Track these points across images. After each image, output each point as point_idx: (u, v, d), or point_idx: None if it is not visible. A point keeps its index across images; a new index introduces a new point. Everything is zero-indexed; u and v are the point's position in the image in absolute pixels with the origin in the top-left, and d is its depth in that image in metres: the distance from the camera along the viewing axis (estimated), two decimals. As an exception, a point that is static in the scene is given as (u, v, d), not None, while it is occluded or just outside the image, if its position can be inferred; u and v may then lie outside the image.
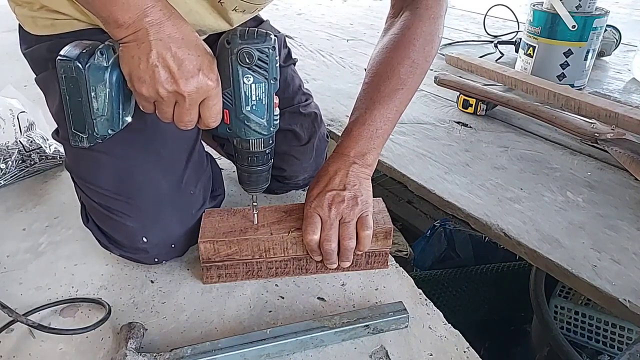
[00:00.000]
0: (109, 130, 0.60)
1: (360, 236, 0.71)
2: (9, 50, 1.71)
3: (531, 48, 1.41)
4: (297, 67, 0.98)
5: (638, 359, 0.68)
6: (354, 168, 0.73)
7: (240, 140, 0.64)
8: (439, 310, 0.71)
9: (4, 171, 0.99)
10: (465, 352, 0.64)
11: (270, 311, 0.70)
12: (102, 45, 0.55)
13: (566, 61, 1.36)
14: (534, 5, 1.39)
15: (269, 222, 0.74)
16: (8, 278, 0.76)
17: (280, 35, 0.93)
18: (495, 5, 2.00)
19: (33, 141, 1.05)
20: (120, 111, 0.60)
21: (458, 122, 1.22)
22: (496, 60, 1.68)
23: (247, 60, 0.57)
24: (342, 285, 0.75)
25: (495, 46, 1.79)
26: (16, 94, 1.12)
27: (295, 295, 0.73)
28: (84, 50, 0.54)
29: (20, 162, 1.02)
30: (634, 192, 0.93)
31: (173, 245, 0.76)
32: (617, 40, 1.70)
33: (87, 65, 0.54)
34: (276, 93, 0.62)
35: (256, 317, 0.69)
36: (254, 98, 0.60)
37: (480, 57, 1.66)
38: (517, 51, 1.59)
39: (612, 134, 1.04)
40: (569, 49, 1.35)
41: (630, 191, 0.93)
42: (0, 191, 0.98)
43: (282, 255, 0.74)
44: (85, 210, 0.77)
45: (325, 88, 1.46)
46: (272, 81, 0.60)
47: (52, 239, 0.85)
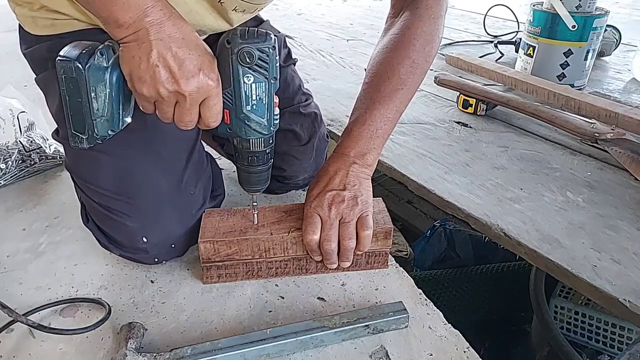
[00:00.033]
0: (109, 131, 0.59)
1: (360, 236, 0.71)
2: (9, 50, 1.71)
3: (531, 48, 1.41)
4: (297, 67, 0.98)
5: (638, 359, 0.68)
6: (354, 168, 0.73)
7: (240, 139, 0.64)
8: (439, 310, 0.71)
9: (4, 171, 0.99)
10: (465, 352, 0.64)
11: (270, 311, 0.70)
12: (102, 46, 0.55)
13: (566, 61, 1.36)
14: (534, 5, 1.39)
15: (269, 222, 0.74)
16: (8, 278, 0.76)
17: (280, 35, 0.93)
18: (495, 5, 2.00)
19: (33, 141, 1.05)
20: (120, 112, 0.59)
21: (458, 122, 1.22)
22: (496, 60, 1.68)
23: (247, 60, 0.57)
24: (342, 285, 0.75)
25: (495, 46, 1.79)
26: (16, 94, 1.13)
27: (295, 295, 0.73)
28: (83, 51, 0.54)
29: (20, 162, 1.02)
30: (634, 192, 0.93)
31: (173, 245, 0.76)
32: (617, 40, 1.70)
33: (87, 66, 0.54)
34: (276, 93, 0.62)
35: (256, 317, 0.69)
36: (254, 97, 0.60)
37: (480, 57, 1.66)
38: (517, 51, 1.59)
39: (612, 134, 1.04)
40: (569, 49, 1.35)
41: (630, 191, 0.93)
42: (0, 191, 0.98)
43: (282, 255, 0.74)
44: (85, 210, 0.77)
45: (325, 88, 1.46)
46: (272, 81, 0.60)
47: (52, 239, 0.85)
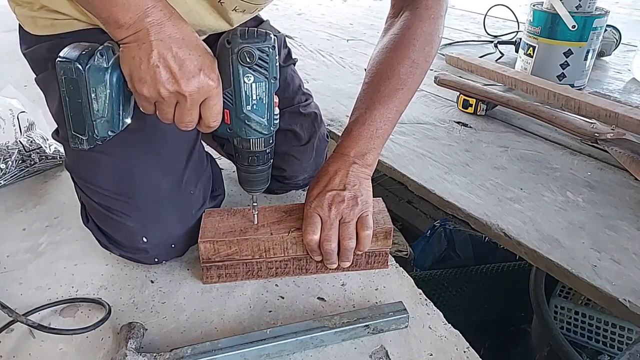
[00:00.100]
0: (109, 132, 0.59)
1: (360, 236, 0.71)
2: (9, 50, 1.71)
3: (531, 48, 1.41)
4: (297, 67, 0.98)
5: (638, 359, 0.68)
6: (354, 168, 0.73)
7: (240, 139, 0.64)
8: (439, 310, 0.71)
9: (4, 171, 0.99)
10: (465, 352, 0.64)
11: (270, 311, 0.70)
12: (101, 47, 0.55)
13: (566, 61, 1.36)
14: (534, 5, 1.39)
15: (269, 222, 0.74)
16: (8, 278, 0.76)
17: (280, 35, 0.93)
18: (495, 5, 2.00)
19: (33, 141, 1.05)
20: (121, 112, 0.59)
21: (458, 122, 1.22)
22: (496, 60, 1.68)
23: (247, 60, 0.57)
24: (342, 285, 0.75)
25: (495, 46, 1.79)
26: (16, 94, 1.13)
27: (295, 295, 0.73)
28: (83, 52, 0.54)
29: (20, 162, 1.02)
30: (634, 192, 0.93)
31: (173, 245, 0.76)
32: (617, 40, 1.70)
33: (87, 67, 0.54)
34: (276, 93, 0.62)
35: (256, 317, 0.69)
36: (254, 97, 0.60)
37: (480, 57, 1.66)
38: (517, 51, 1.59)
39: (612, 134, 1.04)
40: (569, 49, 1.35)
41: (630, 191, 0.93)
42: (0, 191, 0.98)
43: (282, 255, 0.74)
44: (85, 210, 0.77)
45: (325, 88, 1.46)
46: (272, 80, 0.60)
47: (52, 239, 0.85)
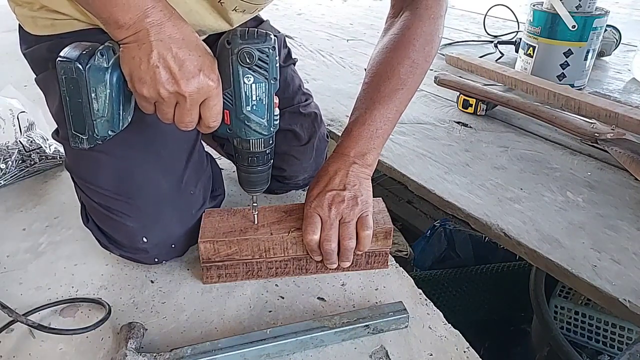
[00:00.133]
0: (109, 132, 0.60)
1: (360, 236, 0.71)
2: (9, 50, 1.71)
3: (531, 48, 1.41)
4: (297, 67, 0.98)
5: (638, 359, 0.68)
6: (354, 168, 0.73)
7: (240, 140, 0.64)
8: (439, 310, 0.71)
9: (4, 171, 0.99)
10: (465, 352, 0.64)
11: (270, 311, 0.70)
12: (102, 46, 0.55)
13: (566, 61, 1.36)
14: (534, 5, 1.39)
15: (269, 222, 0.74)
16: (8, 278, 0.76)
17: (280, 35, 0.93)
18: (495, 5, 2.00)
19: (33, 141, 1.05)
20: (121, 112, 0.59)
21: (458, 122, 1.22)
22: (496, 60, 1.68)
23: (247, 60, 0.57)
24: (342, 285, 0.75)
25: (495, 46, 1.79)
26: (16, 94, 1.13)
27: (295, 295, 0.73)
28: (84, 52, 0.54)
29: (20, 162, 1.02)
30: (634, 192, 0.93)
31: (173, 245, 0.76)
32: (617, 40, 1.70)
33: (87, 67, 0.54)
34: (276, 93, 0.62)
35: (256, 317, 0.69)
36: (254, 98, 0.60)
37: (480, 57, 1.66)
38: (517, 51, 1.59)
39: (612, 134, 1.04)
40: (569, 49, 1.35)
41: (630, 191, 0.93)
42: (0, 191, 0.98)
43: (282, 255, 0.74)
44: (85, 210, 0.77)
45: (325, 88, 1.46)
46: (272, 81, 0.60)
47: (52, 239, 0.85)
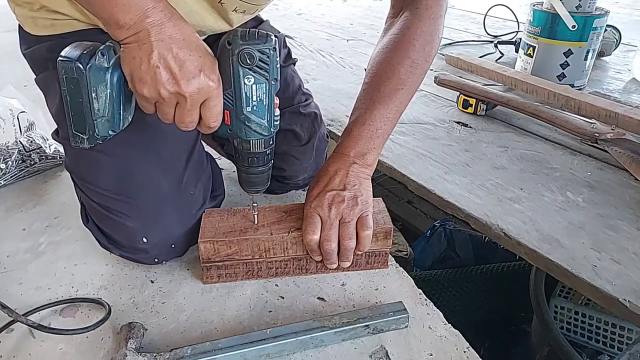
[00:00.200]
0: (109, 131, 0.60)
1: (360, 236, 0.71)
2: (9, 50, 1.71)
3: (531, 48, 1.41)
4: (297, 67, 0.98)
5: (638, 359, 0.68)
6: (354, 168, 0.73)
7: (240, 140, 0.64)
8: (439, 310, 0.71)
9: (4, 171, 0.99)
10: (465, 352, 0.64)
11: (270, 311, 0.70)
12: (102, 46, 0.55)
13: (566, 61, 1.36)
14: (534, 5, 1.39)
15: (269, 222, 0.74)
16: (8, 278, 0.76)
17: (280, 36, 0.93)
18: (495, 5, 2.00)
19: (33, 141, 1.05)
20: (121, 112, 0.60)
21: (458, 122, 1.22)
22: (496, 60, 1.68)
23: (248, 61, 0.57)
24: (342, 285, 0.75)
25: (495, 46, 1.79)
26: (16, 94, 1.13)
27: (295, 295, 0.73)
28: (84, 51, 0.54)
29: (20, 162, 1.02)
30: (634, 192, 0.93)
31: (173, 246, 0.76)
32: (617, 40, 1.70)
33: (88, 66, 0.54)
34: (276, 93, 0.62)
35: (256, 317, 0.69)
36: (254, 99, 0.60)
37: (480, 57, 1.66)
38: (517, 51, 1.59)
39: (612, 134, 1.04)
40: (569, 49, 1.35)
41: (630, 191, 0.93)
42: (0, 191, 0.98)
43: (282, 255, 0.74)
44: (85, 211, 0.77)
45: (325, 88, 1.46)
46: (272, 82, 0.60)
47: (52, 239, 0.85)
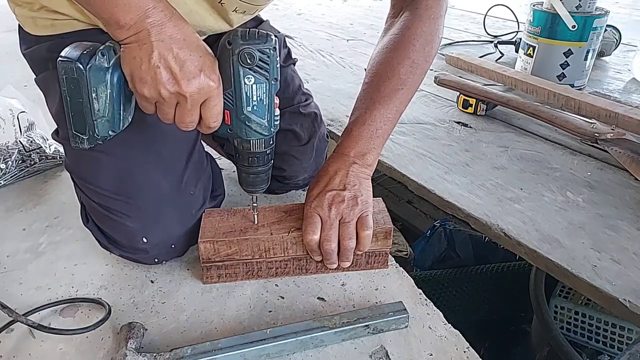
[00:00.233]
0: (109, 132, 0.60)
1: (360, 236, 0.71)
2: (9, 50, 1.71)
3: (531, 48, 1.41)
4: (297, 67, 0.98)
5: (638, 359, 0.68)
6: (354, 168, 0.73)
7: (241, 140, 0.64)
8: (439, 310, 0.71)
9: (4, 171, 0.99)
10: (465, 352, 0.64)
11: (270, 311, 0.70)
12: (103, 46, 0.55)
13: (566, 61, 1.37)
14: (534, 5, 1.39)
15: (269, 222, 0.74)
16: (8, 278, 0.76)
17: (280, 35, 0.93)
18: (495, 5, 2.00)
19: (33, 141, 1.05)
20: (121, 112, 0.59)
21: (458, 122, 1.22)
22: (496, 60, 1.68)
23: (248, 61, 0.57)
24: (342, 285, 0.75)
25: (495, 46, 1.79)
26: (16, 94, 1.13)
27: (295, 295, 0.73)
28: (84, 52, 0.54)
29: (20, 162, 1.02)
30: (634, 192, 0.93)
31: (173, 246, 0.76)
32: (617, 40, 1.70)
33: (88, 67, 0.54)
34: (276, 93, 0.62)
35: (256, 317, 0.69)
36: (254, 99, 0.60)
37: (480, 57, 1.66)
38: (517, 51, 1.59)
39: (612, 134, 1.04)
40: (569, 49, 1.35)
41: (630, 191, 0.93)
42: (0, 191, 0.98)
43: (282, 255, 0.74)
44: (85, 211, 0.77)
45: (325, 88, 1.46)
46: (273, 82, 0.60)
47: (52, 239, 0.85)
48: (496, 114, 1.26)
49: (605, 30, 1.41)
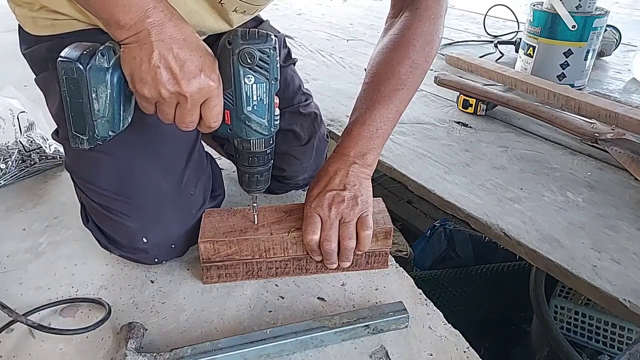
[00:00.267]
0: (109, 132, 0.60)
1: (360, 236, 0.71)
2: (9, 50, 1.71)
3: (531, 48, 1.41)
4: (297, 67, 0.98)
5: (638, 359, 0.68)
6: (354, 168, 0.73)
7: (241, 140, 0.64)
8: (439, 310, 0.71)
9: (4, 171, 0.99)
10: (465, 352, 0.64)
11: (270, 311, 0.70)
12: (102, 47, 0.55)
13: (566, 61, 1.37)
14: (534, 5, 1.39)
15: (269, 222, 0.74)
16: (8, 278, 0.76)
17: (280, 35, 0.93)
18: (495, 5, 2.00)
19: (33, 141, 1.05)
20: (121, 112, 0.59)
21: (458, 122, 1.22)
22: (496, 60, 1.68)
23: (248, 61, 0.57)
24: (342, 285, 0.75)
25: (495, 46, 1.79)
26: (16, 94, 1.13)
27: (295, 295, 0.73)
28: (84, 52, 0.54)
29: (20, 162, 1.02)
30: (634, 192, 0.93)
31: (173, 246, 0.76)
32: (617, 40, 1.70)
33: (88, 67, 0.54)
34: (276, 93, 0.62)
35: (256, 317, 0.69)
36: (255, 98, 0.60)
37: (480, 57, 1.66)
38: (517, 51, 1.59)
39: (612, 134, 1.04)
40: (569, 49, 1.35)
41: (630, 191, 0.93)
42: (0, 191, 0.98)
43: (282, 255, 0.74)
44: (85, 211, 0.77)
45: (325, 88, 1.46)
46: (273, 81, 0.60)
47: (52, 239, 0.85)
48: (496, 114, 1.26)
49: (605, 30, 1.41)
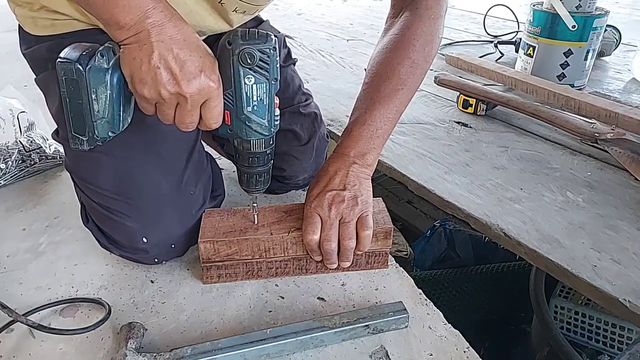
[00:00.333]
0: (109, 133, 0.59)
1: (360, 236, 0.71)
2: (9, 50, 1.71)
3: (531, 48, 1.41)
4: (297, 67, 0.98)
5: (638, 359, 0.68)
6: (354, 168, 0.73)
7: (241, 140, 0.64)
8: (439, 310, 0.71)
9: (4, 171, 0.99)
10: (465, 352, 0.64)
11: (270, 311, 0.70)
12: (102, 47, 0.55)
13: (566, 61, 1.36)
14: (534, 5, 1.39)
15: (269, 222, 0.74)
16: (8, 278, 0.76)
17: (280, 35, 0.93)
18: (495, 5, 2.00)
19: (33, 141, 1.05)
20: (121, 113, 0.59)
21: (458, 122, 1.22)
22: (496, 60, 1.68)
23: (248, 61, 0.57)
24: (342, 285, 0.75)
25: (495, 46, 1.79)
26: (16, 94, 1.13)
27: (295, 295, 0.73)
28: (84, 52, 0.54)
29: (20, 162, 1.02)
30: (634, 192, 0.93)
31: (173, 246, 0.76)
32: (617, 40, 1.70)
33: (87, 67, 0.54)
34: (276, 93, 0.62)
35: (256, 317, 0.69)
36: (255, 99, 0.60)
37: (480, 57, 1.66)
38: (517, 51, 1.59)
39: (612, 134, 1.04)
40: (569, 49, 1.35)
41: (630, 191, 0.93)
42: (0, 191, 0.98)
43: (282, 255, 0.74)
44: (85, 211, 0.77)
45: (325, 88, 1.46)
46: (273, 82, 0.60)
47: (52, 239, 0.85)
48: (496, 114, 1.26)
49: (605, 30, 1.41)
